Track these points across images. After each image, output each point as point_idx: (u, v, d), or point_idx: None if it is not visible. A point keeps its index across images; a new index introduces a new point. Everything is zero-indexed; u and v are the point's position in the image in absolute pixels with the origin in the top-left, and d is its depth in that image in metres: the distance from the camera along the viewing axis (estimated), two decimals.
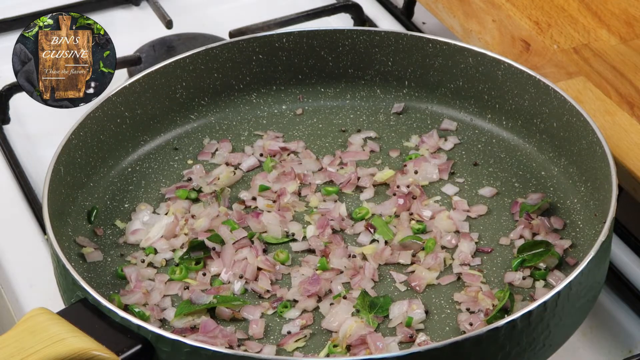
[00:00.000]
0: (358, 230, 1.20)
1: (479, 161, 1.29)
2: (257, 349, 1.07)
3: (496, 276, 1.14)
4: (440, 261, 1.15)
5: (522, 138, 1.30)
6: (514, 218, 1.21)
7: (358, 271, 1.14)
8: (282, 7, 1.61)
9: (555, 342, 1.05)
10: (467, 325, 1.08)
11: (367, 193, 1.25)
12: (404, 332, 1.07)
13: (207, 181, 1.26)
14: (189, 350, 0.97)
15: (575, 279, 1.01)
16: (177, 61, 1.31)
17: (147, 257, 1.17)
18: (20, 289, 1.21)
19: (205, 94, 1.34)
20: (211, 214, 1.21)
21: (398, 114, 1.36)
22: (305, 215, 1.22)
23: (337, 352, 1.06)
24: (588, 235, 1.17)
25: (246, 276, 1.14)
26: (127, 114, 1.28)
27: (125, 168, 1.28)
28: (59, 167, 1.16)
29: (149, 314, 1.10)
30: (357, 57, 1.35)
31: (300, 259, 1.17)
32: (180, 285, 1.14)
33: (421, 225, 1.19)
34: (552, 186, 1.24)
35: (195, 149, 1.32)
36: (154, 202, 1.24)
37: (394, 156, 1.30)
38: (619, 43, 1.42)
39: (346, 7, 1.58)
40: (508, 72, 1.28)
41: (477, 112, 1.33)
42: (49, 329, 0.97)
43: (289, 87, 1.37)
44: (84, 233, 1.20)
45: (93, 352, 0.96)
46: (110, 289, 1.14)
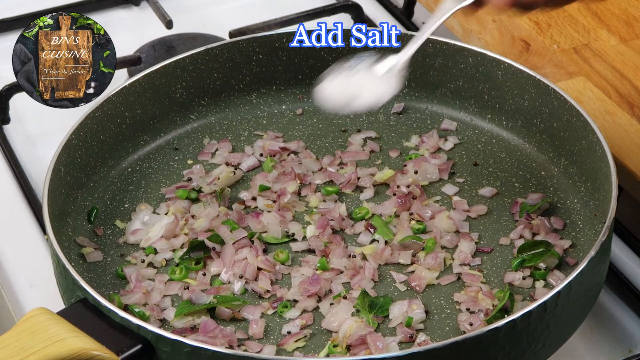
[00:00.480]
0: (358, 230, 1.20)
1: (479, 161, 1.29)
2: (257, 349, 1.07)
3: (496, 276, 1.14)
4: (440, 261, 1.15)
5: (522, 138, 1.30)
6: (514, 218, 1.21)
7: (358, 271, 1.14)
8: (282, 7, 1.61)
9: (555, 342, 1.05)
10: (467, 325, 1.08)
11: (367, 193, 1.25)
12: (404, 332, 1.07)
13: (207, 181, 1.26)
14: (189, 350, 0.97)
15: (575, 279, 1.01)
16: (177, 61, 1.31)
17: (147, 257, 1.17)
18: (20, 289, 1.21)
19: (205, 94, 1.34)
20: (211, 214, 1.21)
21: (398, 114, 1.36)
22: (305, 215, 1.22)
23: (337, 352, 1.06)
24: (588, 235, 1.17)
25: (246, 276, 1.14)
26: (127, 114, 1.28)
27: (125, 168, 1.28)
28: (59, 167, 1.16)
29: (149, 314, 1.10)
30: None
31: (300, 259, 1.17)
32: (180, 285, 1.14)
33: (421, 225, 1.19)
34: (552, 186, 1.24)
35: (195, 149, 1.32)
36: (154, 202, 1.24)
37: (394, 156, 1.30)
38: (619, 43, 1.42)
39: (346, 7, 1.58)
40: (508, 72, 1.28)
41: (477, 112, 1.33)
42: (49, 329, 0.97)
43: (289, 87, 1.37)
44: (84, 233, 1.20)
45: (93, 352, 0.96)
46: (110, 289, 1.14)
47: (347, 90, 1.09)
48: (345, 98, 1.09)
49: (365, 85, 1.09)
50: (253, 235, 1.18)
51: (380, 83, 1.09)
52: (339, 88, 1.09)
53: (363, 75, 1.10)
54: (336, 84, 1.10)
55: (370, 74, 1.10)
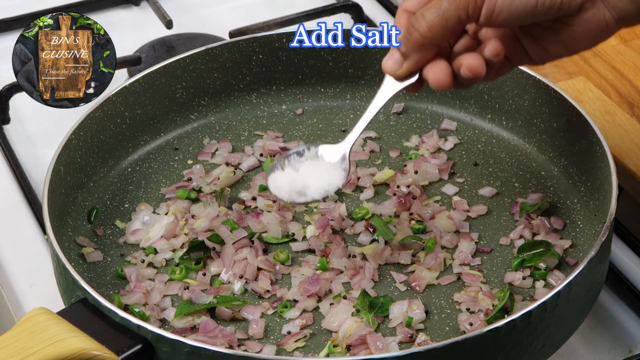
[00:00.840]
0: (358, 230, 1.20)
1: (479, 161, 1.29)
2: (257, 349, 1.07)
3: (496, 276, 1.14)
4: (440, 261, 1.15)
5: (522, 138, 1.30)
6: (514, 218, 1.21)
7: (358, 271, 1.14)
8: (282, 7, 1.61)
9: (555, 342, 1.05)
10: (467, 325, 1.08)
11: (367, 193, 1.25)
12: (404, 332, 1.07)
13: (207, 181, 1.26)
14: (189, 350, 0.97)
15: (575, 279, 1.01)
16: (177, 61, 1.31)
17: (147, 257, 1.17)
18: (20, 289, 1.21)
19: (205, 94, 1.34)
20: (211, 214, 1.21)
21: (398, 114, 1.36)
22: (305, 215, 1.22)
23: (337, 352, 1.06)
24: (588, 235, 1.17)
25: (246, 276, 1.14)
26: (127, 114, 1.28)
27: (125, 168, 1.28)
28: (59, 167, 1.16)
29: (149, 314, 1.10)
30: (357, 57, 1.35)
31: (300, 259, 1.17)
32: (180, 285, 1.14)
33: (421, 225, 1.19)
34: (552, 186, 1.24)
35: (195, 149, 1.32)
36: (154, 202, 1.24)
37: (394, 156, 1.30)
38: (619, 43, 1.42)
39: (346, 7, 1.58)
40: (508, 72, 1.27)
41: (477, 112, 1.33)
42: (49, 329, 0.97)
43: (289, 87, 1.37)
44: (84, 233, 1.20)
45: (93, 352, 0.96)
46: (110, 289, 1.14)
47: (297, 180, 1.11)
48: (297, 188, 1.11)
49: (315, 175, 1.11)
50: (253, 235, 1.18)
51: (329, 171, 1.12)
52: (290, 179, 1.11)
53: (312, 164, 1.12)
54: (286, 175, 1.12)
55: (318, 163, 1.13)
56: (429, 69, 1.05)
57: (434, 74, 1.05)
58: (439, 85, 1.04)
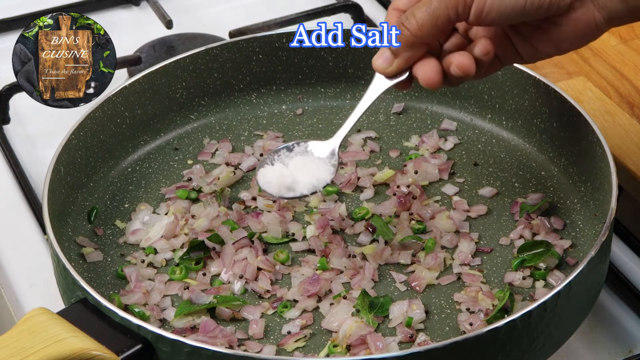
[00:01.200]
0: (358, 230, 1.20)
1: (479, 161, 1.29)
2: (257, 349, 1.07)
3: (496, 276, 1.14)
4: (440, 261, 1.15)
5: (522, 138, 1.30)
6: (514, 218, 1.21)
7: (358, 271, 1.14)
8: (282, 7, 1.61)
9: (555, 342, 1.05)
10: (467, 325, 1.08)
11: (367, 193, 1.25)
12: (404, 332, 1.07)
13: (207, 181, 1.26)
14: (189, 350, 0.97)
15: (575, 279, 1.01)
16: (177, 61, 1.31)
17: (147, 257, 1.17)
18: (20, 289, 1.21)
19: (205, 94, 1.34)
20: (211, 214, 1.21)
21: (398, 114, 1.36)
22: (305, 215, 1.22)
23: (337, 352, 1.06)
24: (588, 235, 1.17)
25: (246, 276, 1.14)
26: (127, 114, 1.28)
27: (125, 168, 1.28)
28: (59, 167, 1.16)
29: (149, 314, 1.10)
30: (357, 57, 1.35)
31: (300, 259, 1.17)
32: (180, 285, 1.14)
33: (421, 225, 1.19)
34: (552, 186, 1.24)
35: (195, 149, 1.32)
36: (154, 202, 1.24)
37: (394, 156, 1.30)
38: (619, 43, 1.42)
39: (346, 7, 1.58)
40: (508, 72, 1.28)
41: (477, 112, 1.33)
42: (49, 329, 0.97)
43: (289, 87, 1.37)
44: (84, 233, 1.20)
45: (93, 352, 0.96)
46: (110, 289, 1.14)
47: (287, 175, 1.12)
48: (286, 183, 1.12)
49: (304, 170, 1.12)
50: (253, 235, 1.18)
51: (318, 166, 1.12)
52: (279, 174, 1.12)
53: (301, 160, 1.13)
54: (275, 170, 1.12)
55: (307, 159, 1.13)
56: (419, 67, 1.06)
57: (423, 72, 1.05)
58: (428, 83, 1.05)
